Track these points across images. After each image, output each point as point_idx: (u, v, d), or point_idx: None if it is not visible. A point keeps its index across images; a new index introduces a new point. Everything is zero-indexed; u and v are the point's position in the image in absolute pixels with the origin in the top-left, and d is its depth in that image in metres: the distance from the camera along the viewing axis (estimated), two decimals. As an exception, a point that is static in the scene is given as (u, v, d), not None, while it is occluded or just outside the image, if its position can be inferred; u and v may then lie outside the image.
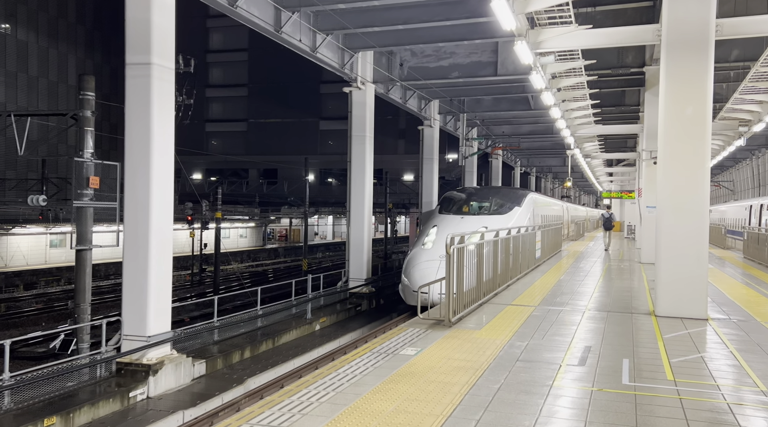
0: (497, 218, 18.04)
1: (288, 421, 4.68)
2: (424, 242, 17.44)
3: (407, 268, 16.83)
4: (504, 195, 20.26)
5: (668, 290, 9.39)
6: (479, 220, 17.82)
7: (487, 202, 19.45)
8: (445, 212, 19.19)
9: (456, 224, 17.57)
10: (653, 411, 5.09)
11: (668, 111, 9.37)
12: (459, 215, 18.62)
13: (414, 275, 16.26)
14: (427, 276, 15.23)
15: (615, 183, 53.85)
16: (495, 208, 19.10)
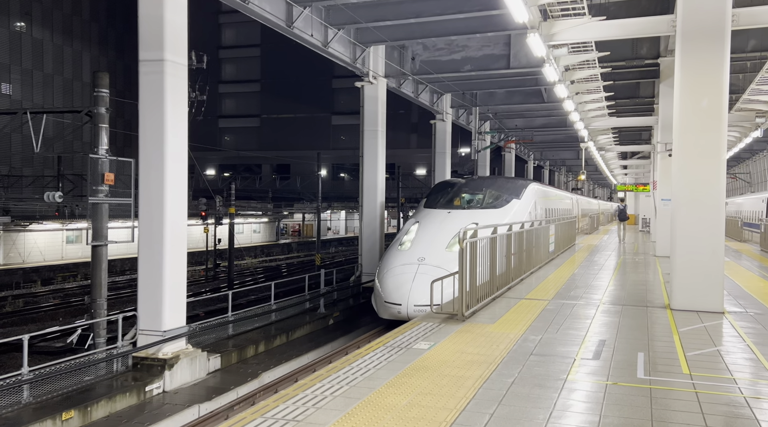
0: (491, 212, 15.77)
1: (302, 414, 4.70)
2: (402, 241, 15.11)
3: (379, 273, 14.55)
4: (500, 186, 17.88)
5: (684, 283, 9.31)
6: (469, 215, 15.47)
7: (480, 195, 17.13)
8: (430, 206, 16.84)
9: (441, 220, 15.42)
10: (669, 405, 5.05)
11: (684, 103, 9.27)
12: (446, 209, 16.25)
13: (386, 282, 13.75)
14: (401, 284, 13.31)
15: (629, 176, 53.45)
16: (489, 201, 16.78)
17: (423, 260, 13.55)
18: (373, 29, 18.57)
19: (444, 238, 14.25)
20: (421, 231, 15.17)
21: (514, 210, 16.33)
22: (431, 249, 14.01)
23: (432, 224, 15.31)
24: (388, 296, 13.35)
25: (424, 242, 14.46)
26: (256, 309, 16.20)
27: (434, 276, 11.43)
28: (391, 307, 12.96)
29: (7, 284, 26.10)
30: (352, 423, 4.52)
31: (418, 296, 12.80)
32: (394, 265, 14.07)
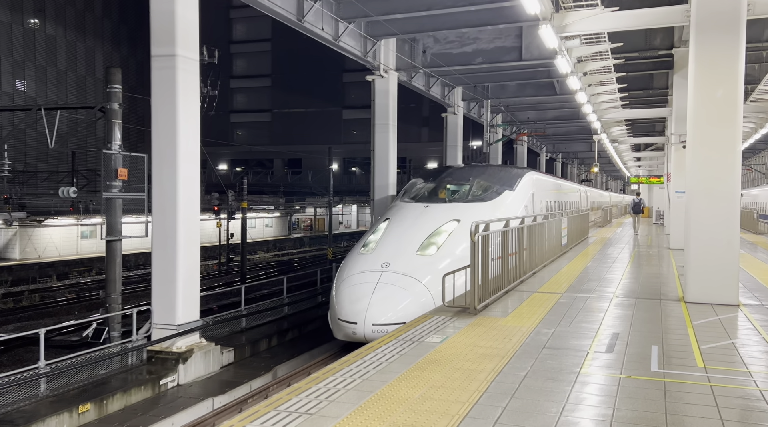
0: (477, 206, 13.50)
1: (315, 407, 4.73)
2: (366, 242, 12.73)
3: (335, 282, 12.12)
4: (491, 175, 15.52)
5: (698, 276, 9.23)
6: (450, 209, 13.25)
7: (465, 186, 14.79)
8: (407, 199, 14.56)
9: (416, 216, 13.13)
10: (683, 398, 5.03)
11: (698, 94, 9.17)
12: (424, 202, 13.92)
13: (341, 294, 11.19)
14: (357, 297, 10.75)
15: (643, 168, 53.00)
16: (477, 193, 14.50)
17: (387, 267, 11.22)
18: (384, 22, 18.51)
19: (417, 238, 12.12)
20: (390, 229, 12.75)
21: (507, 204, 14.15)
22: (400, 252, 11.73)
23: (405, 220, 13.03)
24: (341, 311, 10.75)
25: (392, 243, 12.14)
26: (269, 303, 16.28)
27: (400, 287, 10.62)
28: (345, 326, 10.52)
29: (23, 278, 26.41)
30: (365, 416, 4.54)
31: (379, 312, 10.34)
32: (352, 272, 11.44)
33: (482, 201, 13.93)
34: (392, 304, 10.44)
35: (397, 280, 10.84)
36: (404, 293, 10.62)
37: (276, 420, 4.48)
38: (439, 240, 11.98)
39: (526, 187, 15.66)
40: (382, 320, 10.25)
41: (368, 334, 10.08)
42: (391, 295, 10.55)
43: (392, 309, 10.31)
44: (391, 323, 9.87)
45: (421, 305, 10.09)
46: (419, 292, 10.69)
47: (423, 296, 10.54)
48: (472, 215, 12.28)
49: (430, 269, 11.08)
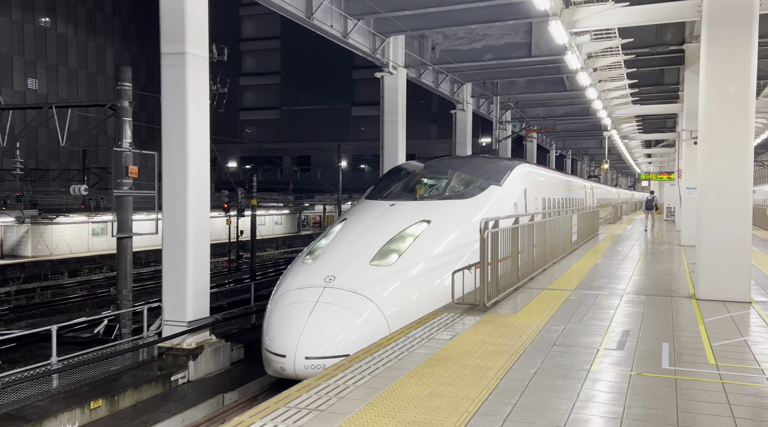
0: (453, 204, 11.57)
1: (325, 404, 4.74)
2: (313, 249, 10.51)
3: (270, 301, 9.66)
4: (475, 168, 13.28)
5: (710, 273, 9.17)
6: (420, 208, 11.19)
7: (443, 179, 12.60)
8: (373, 196, 12.46)
9: (378, 216, 11.02)
10: (694, 395, 5.00)
11: (709, 89, 9.09)
12: (391, 200, 11.79)
13: (271, 318, 8.94)
14: (288, 323, 8.47)
15: (654, 164, 52.71)
16: (456, 187, 12.36)
17: (332, 281, 8.97)
18: (393, 19, 18.49)
19: (373, 243, 9.89)
20: (343, 233, 10.55)
21: (491, 201, 12.07)
22: (350, 262, 9.49)
23: (363, 222, 10.86)
24: (268, 340, 8.60)
25: (341, 250, 9.93)
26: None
27: (344, 308, 8.43)
28: (272, 359, 8.35)
29: (35, 275, 26.64)
30: (375, 412, 4.55)
31: (314, 341, 8.13)
32: (287, 289, 9.24)
33: (461, 198, 11.84)
34: (333, 331, 8.20)
35: (342, 298, 8.56)
36: (349, 316, 8.37)
37: (286, 416, 4.50)
38: (401, 246, 9.77)
39: (516, 181, 13.54)
40: (319, 352, 7.95)
41: (300, 371, 7.82)
42: (332, 319, 8.30)
43: (332, 338, 8.11)
44: (331, 355, 7.73)
45: (371, 330, 8.10)
46: (369, 314, 8.48)
47: (374, 319, 8.41)
48: (446, 214, 10.81)
49: (386, 284, 9.00)
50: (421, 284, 9.37)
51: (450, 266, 9.34)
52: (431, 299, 8.92)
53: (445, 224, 10.34)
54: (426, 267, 9.60)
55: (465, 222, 10.89)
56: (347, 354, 7.02)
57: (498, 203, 12.23)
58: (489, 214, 11.00)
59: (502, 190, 12.70)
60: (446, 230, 10.38)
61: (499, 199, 12.37)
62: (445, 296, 8.81)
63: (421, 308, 8.58)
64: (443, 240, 10.23)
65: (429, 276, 9.48)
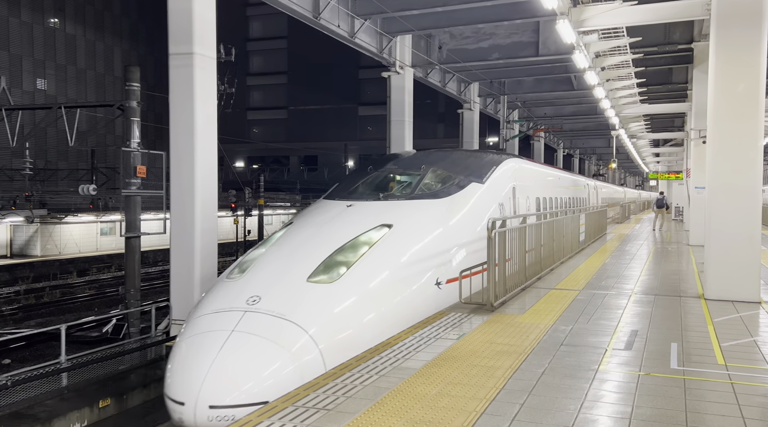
0: (422, 205, 9.60)
1: (333, 403, 4.75)
2: (242, 261, 8.32)
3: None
4: (455, 163, 11.40)
5: (718, 273, 9.13)
6: (382, 210, 9.24)
7: (415, 175, 10.56)
8: (333, 195, 10.46)
9: (328, 220, 9.02)
10: (703, 396, 4.98)
11: (718, 88, 9.05)
12: (349, 200, 9.84)
13: (174, 352, 6.81)
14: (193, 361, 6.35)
15: (662, 164, 52.47)
16: (430, 185, 10.41)
17: (256, 302, 6.94)
18: (400, 19, 18.49)
19: (317, 254, 7.85)
20: (284, 241, 8.54)
21: (471, 201, 10.26)
22: (284, 277, 7.47)
23: (310, 227, 8.91)
24: (168, 382, 6.45)
25: (277, 262, 7.92)
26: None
27: (266, 339, 6.31)
28: (171, 407, 6.30)
29: (44, 275, 26.80)
30: (383, 412, 4.55)
31: (222, 385, 6.07)
32: (201, 313, 7.07)
33: (434, 197, 9.90)
34: (248, 370, 6.10)
35: (265, 326, 6.50)
36: (272, 351, 6.24)
37: (294, 415, 4.51)
38: (351, 257, 7.84)
39: (502, 179, 11.80)
40: (227, 399, 5.93)
41: (200, 422, 5.90)
42: (248, 354, 6.19)
43: (246, 380, 5.99)
44: (243, 403, 5.80)
45: (299, 368, 6.15)
46: (300, 347, 6.31)
47: (304, 354, 6.28)
48: (413, 217, 9.07)
49: (326, 306, 6.95)
50: (373, 304, 7.29)
51: (414, 280, 8.03)
52: (388, 322, 7.21)
53: (410, 228, 8.71)
54: (381, 283, 7.61)
55: (436, 227, 9.12)
56: (266, 401, 5.61)
57: (479, 204, 10.47)
58: (468, 217, 9.85)
59: (485, 189, 10.87)
60: (412, 236, 8.59)
61: (480, 199, 10.57)
62: (408, 316, 7.48)
63: (372, 334, 6.84)
64: (407, 249, 8.30)
65: (385, 294, 7.54)
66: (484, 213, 10.32)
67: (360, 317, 7.10)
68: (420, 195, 9.96)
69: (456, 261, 8.96)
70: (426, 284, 8.23)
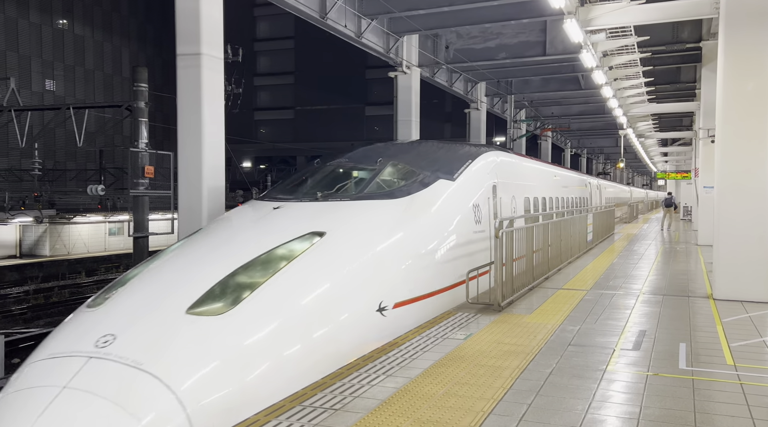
0: (370, 207, 7.85)
1: (340, 403, 4.75)
2: (112, 285, 6.36)
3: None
4: (421, 156, 9.53)
5: (727, 273, 9.08)
6: (317, 212, 7.59)
7: (369, 170, 8.81)
8: (267, 195, 8.95)
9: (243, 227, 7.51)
10: (712, 396, 4.95)
11: (727, 87, 9.00)
12: (280, 200, 8.22)
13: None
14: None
15: (670, 163, 52.24)
16: (388, 182, 8.64)
17: (108, 343, 5.01)
18: (407, 18, 18.49)
19: (213, 273, 6.03)
20: (176, 255, 6.73)
21: (436, 202, 8.44)
22: (156, 307, 5.55)
23: (218, 235, 7.23)
24: None
25: (153, 285, 6.02)
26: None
27: (108, 399, 4.41)
28: None
29: (53, 275, 26.97)
30: (390, 412, 4.55)
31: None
32: (36, 358, 5.19)
33: (388, 197, 8.06)
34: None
35: (110, 381, 4.62)
36: (112, 419, 4.36)
37: (301, 415, 4.52)
38: (258, 278, 6.00)
39: (478, 175, 9.86)
40: None
41: None
42: (79, 423, 4.31)
43: None
44: None
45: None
46: (157, 414, 4.47)
47: (166, 422, 4.48)
48: (355, 222, 7.32)
49: (206, 349, 5.09)
50: (280, 343, 5.44)
51: (346, 307, 6.19)
52: (300, 368, 5.45)
53: (350, 236, 6.96)
54: (295, 313, 5.74)
55: (386, 234, 7.28)
56: None
57: (447, 205, 8.64)
58: (431, 220, 8.11)
59: (456, 187, 9.00)
60: (350, 247, 6.78)
61: (449, 198, 8.73)
62: (332, 358, 5.76)
63: (276, 387, 5.10)
64: (340, 264, 6.48)
65: (299, 328, 5.64)
66: (453, 216, 8.65)
67: (258, 363, 5.18)
68: (370, 195, 8.11)
69: (412, 278, 7.23)
70: (363, 310, 6.36)
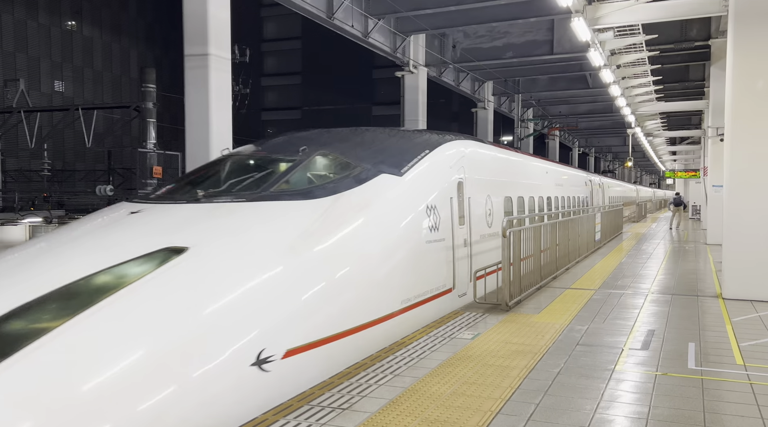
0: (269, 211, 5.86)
1: (348, 402, 4.76)
2: None
3: None
4: (361, 146, 7.63)
5: (737, 272, 9.03)
6: (186, 220, 5.62)
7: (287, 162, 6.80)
8: (147, 196, 7.05)
9: (70, 240, 5.48)
10: (722, 396, 4.92)
11: (736, 85, 8.95)
12: (150, 201, 6.40)
13: None
14: None
15: (678, 162, 51.97)
16: (308, 178, 6.66)
17: None
18: (414, 18, 18.48)
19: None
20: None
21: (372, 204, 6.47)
22: None
23: (30, 251, 5.40)
24: None
25: None
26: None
27: None
28: None
29: (62, 274, 27.05)
30: (397, 411, 4.56)
31: None
32: None
33: (300, 198, 6.07)
34: None
35: None
36: None
37: (309, 414, 4.52)
38: (49, 320, 4.10)
39: (438, 169, 7.92)
40: None
41: None
42: None
43: None
44: None
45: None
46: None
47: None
48: (236, 233, 5.41)
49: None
50: (89, 418, 3.62)
51: (204, 359, 4.28)
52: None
53: (224, 255, 5.06)
54: (117, 369, 3.89)
55: (285, 250, 5.35)
56: None
57: (388, 207, 6.65)
58: (361, 228, 6.09)
59: (405, 184, 7.03)
60: (221, 271, 4.90)
61: (391, 199, 6.75)
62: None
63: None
64: (200, 297, 4.64)
65: (122, 394, 3.78)
66: (396, 222, 6.62)
67: None
68: (276, 194, 6.12)
69: (320, 311, 5.30)
70: (231, 363, 4.44)
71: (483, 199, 9.24)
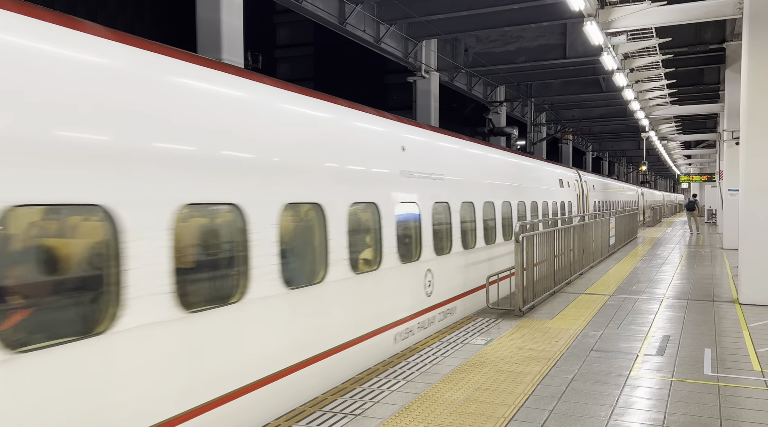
0: None
1: (360, 408, 4.75)
2: None
3: None
4: None
5: (753, 277, 8.93)
6: None
7: None
8: None
9: None
10: (738, 403, 4.86)
11: (752, 88, 8.86)
12: None
13: None
14: None
15: (693, 166, 51.55)
16: None
17: None
18: (426, 23, 18.49)
19: None
20: None
21: None
22: None
23: None
24: None
25: None
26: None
27: None
28: None
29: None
30: (410, 418, 4.54)
31: None
32: None
33: None
34: None
35: None
36: None
37: (322, 420, 4.52)
38: None
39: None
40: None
41: None
42: None
43: None
44: None
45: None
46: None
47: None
48: None
49: None
50: None
51: None
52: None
53: None
54: None
55: None
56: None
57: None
58: None
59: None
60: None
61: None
62: None
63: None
64: None
65: None
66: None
67: None
68: None
69: None
70: None
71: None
